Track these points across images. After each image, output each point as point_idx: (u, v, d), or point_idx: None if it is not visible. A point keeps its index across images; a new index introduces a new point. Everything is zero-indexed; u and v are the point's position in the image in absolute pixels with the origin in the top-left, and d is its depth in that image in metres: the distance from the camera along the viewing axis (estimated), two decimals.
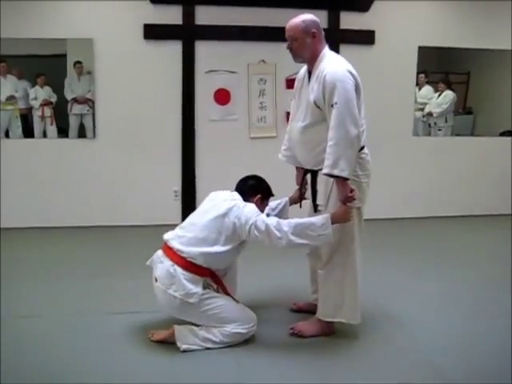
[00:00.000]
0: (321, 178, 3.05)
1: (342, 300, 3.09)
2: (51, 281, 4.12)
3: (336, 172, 2.80)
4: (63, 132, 5.98)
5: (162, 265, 2.96)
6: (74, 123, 5.94)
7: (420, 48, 6.28)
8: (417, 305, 3.71)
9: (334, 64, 2.93)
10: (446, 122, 6.72)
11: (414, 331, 3.30)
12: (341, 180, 2.84)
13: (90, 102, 5.85)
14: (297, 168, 3.42)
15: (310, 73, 3.09)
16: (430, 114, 6.68)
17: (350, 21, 5.89)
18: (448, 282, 4.20)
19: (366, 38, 6.13)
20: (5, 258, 4.58)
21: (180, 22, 5.78)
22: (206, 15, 5.79)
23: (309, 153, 3.10)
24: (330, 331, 3.21)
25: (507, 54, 6.52)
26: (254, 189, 3.23)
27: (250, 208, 2.97)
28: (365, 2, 6.01)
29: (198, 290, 2.89)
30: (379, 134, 3.33)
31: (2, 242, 5.10)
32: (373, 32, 6.14)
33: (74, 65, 5.84)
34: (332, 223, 2.82)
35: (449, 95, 6.68)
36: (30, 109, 5.94)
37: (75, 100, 5.87)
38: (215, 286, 3.11)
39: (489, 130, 6.88)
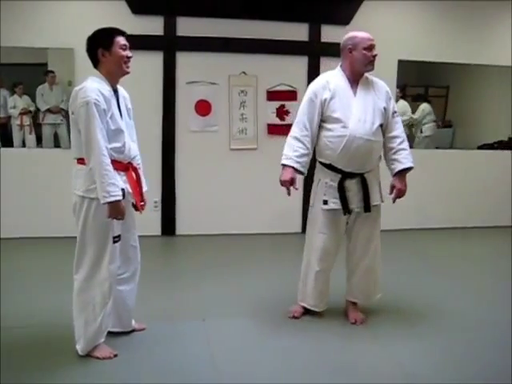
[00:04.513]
0: (372, 178, 3.49)
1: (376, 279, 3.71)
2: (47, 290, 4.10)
3: (413, 164, 3.49)
4: (42, 141, 5.95)
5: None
6: (47, 133, 5.91)
7: (400, 62, 6.34)
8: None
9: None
10: (422, 132, 6.84)
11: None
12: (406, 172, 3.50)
13: (63, 112, 5.80)
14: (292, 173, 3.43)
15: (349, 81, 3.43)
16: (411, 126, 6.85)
17: (330, 34, 5.92)
18: (431, 290, 4.33)
19: None
20: None
21: (161, 33, 5.79)
22: (187, 26, 5.79)
23: (372, 154, 3.43)
24: None
25: (485, 68, 6.62)
26: (91, 49, 2.94)
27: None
28: (345, 15, 6.06)
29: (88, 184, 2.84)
30: None
31: None
32: None
33: (47, 74, 5.81)
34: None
35: (421, 107, 6.84)
36: (9, 117, 5.90)
37: (49, 110, 5.83)
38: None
39: (468, 143, 6.96)
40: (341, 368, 2.98)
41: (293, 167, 3.39)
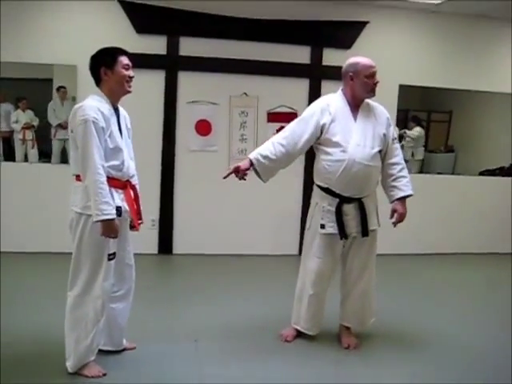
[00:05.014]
0: (370, 203, 3.47)
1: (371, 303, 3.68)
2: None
3: (412, 192, 3.49)
4: (45, 156, 5.96)
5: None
6: (57, 148, 5.93)
7: (401, 86, 6.36)
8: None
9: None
10: (413, 156, 6.80)
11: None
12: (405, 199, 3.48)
13: None
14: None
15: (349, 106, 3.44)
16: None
17: (332, 57, 5.94)
18: (426, 316, 4.30)
19: None
20: None
21: (164, 52, 5.83)
22: (190, 46, 5.83)
23: (371, 179, 3.43)
24: None
25: (488, 95, 6.65)
26: (94, 68, 2.98)
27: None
28: (347, 39, 6.10)
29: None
30: None
31: None
32: None
33: (58, 89, 5.85)
34: None
35: (414, 133, 6.80)
36: (12, 132, 5.92)
37: (60, 125, 5.85)
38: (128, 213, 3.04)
39: (469, 168, 6.95)
40: None
41: (251, 161, 3.38)
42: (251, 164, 3.37)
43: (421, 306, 4.60)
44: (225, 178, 3.38)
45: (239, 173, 3.36)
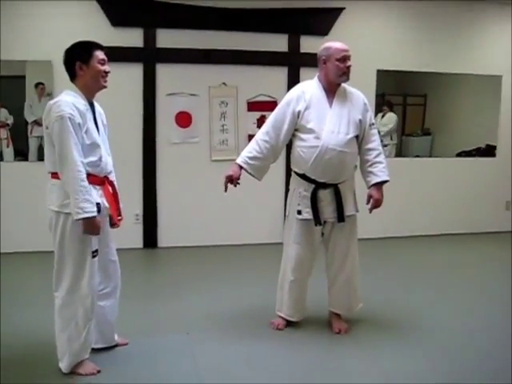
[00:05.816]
0: (346, 189, 3.47)
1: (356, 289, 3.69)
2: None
3: (388, 177, 3.48)
4: (21, 154, 5.86)
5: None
6: (33, 146, 5.83)
7: (378, 71, 6.41)
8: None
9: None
10: (392, 139, 6.88)
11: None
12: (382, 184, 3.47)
13: None
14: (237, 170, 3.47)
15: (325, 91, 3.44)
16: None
17: (309, 45, 5.93)
18: (413, 298, 4.30)
19: None
20: None
21: (141, 45, 5.78)
22: (167, 38, 5.79)
23: (346, 165, 3.41)
24: None
25: (461, 77, 6.75)
26: (69, 62, 2.91)
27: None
28: (324, 26, 6.11)
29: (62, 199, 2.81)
30: None
31: None
32: None
33: (36, 86, 5.74)
34: None
35: (392, 117, 6.84)
36: None
37: (36, 122, 5.76)
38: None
39: (446, 150, 7.03)
40: (327, 378, 2.98)
41: (240, 166, 3.43)
42: (241, 168, 3.42)
43: (408, 288, 4.65)
44: (226, 190, 3.46)
45: (233, 181, 3.42)
